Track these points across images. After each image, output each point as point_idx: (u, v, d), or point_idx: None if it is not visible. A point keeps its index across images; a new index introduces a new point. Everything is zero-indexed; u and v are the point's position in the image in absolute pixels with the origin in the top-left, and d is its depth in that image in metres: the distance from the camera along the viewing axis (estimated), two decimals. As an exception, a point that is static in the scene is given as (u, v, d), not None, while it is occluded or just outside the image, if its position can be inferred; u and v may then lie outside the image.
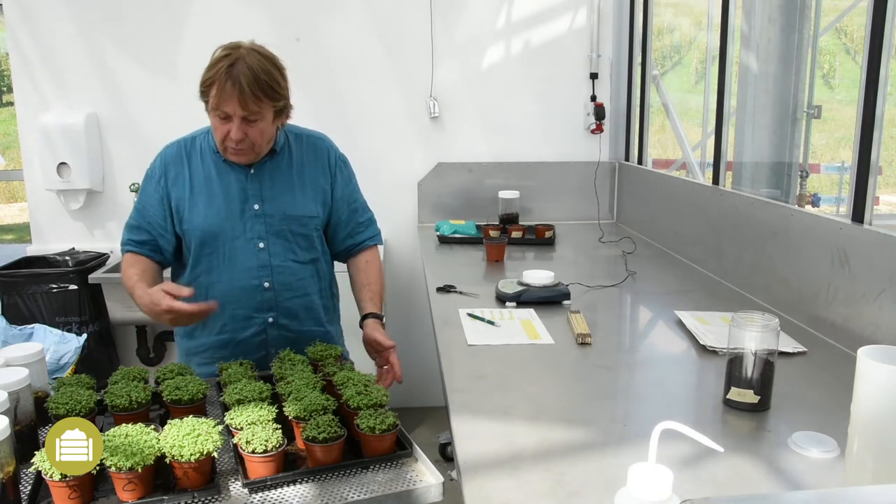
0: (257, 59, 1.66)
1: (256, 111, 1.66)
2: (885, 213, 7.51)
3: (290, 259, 1.84)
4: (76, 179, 3.27)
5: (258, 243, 1.82)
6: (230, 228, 1.80)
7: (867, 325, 1.63)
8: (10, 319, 2.42)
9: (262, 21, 3.30)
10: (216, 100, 1.66)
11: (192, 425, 1.23)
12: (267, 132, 1.74)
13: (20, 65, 3.28)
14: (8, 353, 1.45)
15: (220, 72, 1.63)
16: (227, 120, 1.68)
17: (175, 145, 1.86)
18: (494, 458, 1.20)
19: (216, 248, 1.81)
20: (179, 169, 1.82)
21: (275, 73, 1.68)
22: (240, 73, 1.62)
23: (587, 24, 3.44)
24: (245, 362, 1.64)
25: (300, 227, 1.85)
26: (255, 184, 1.81)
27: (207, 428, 1.23)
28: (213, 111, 1.69)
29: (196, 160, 1.83)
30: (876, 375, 0.97)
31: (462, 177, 3.47)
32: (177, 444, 1.18)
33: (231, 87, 1.62)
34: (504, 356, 1.69)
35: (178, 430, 1.22)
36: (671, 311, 1.97)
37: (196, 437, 1.19)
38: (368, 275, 1.95)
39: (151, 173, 1.85)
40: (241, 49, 1.67)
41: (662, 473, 0.79)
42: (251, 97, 1.63)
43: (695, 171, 3.79)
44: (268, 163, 1.83)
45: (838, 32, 11.38)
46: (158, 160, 1.85)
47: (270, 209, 1.82)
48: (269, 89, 1.66)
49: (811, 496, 0.86)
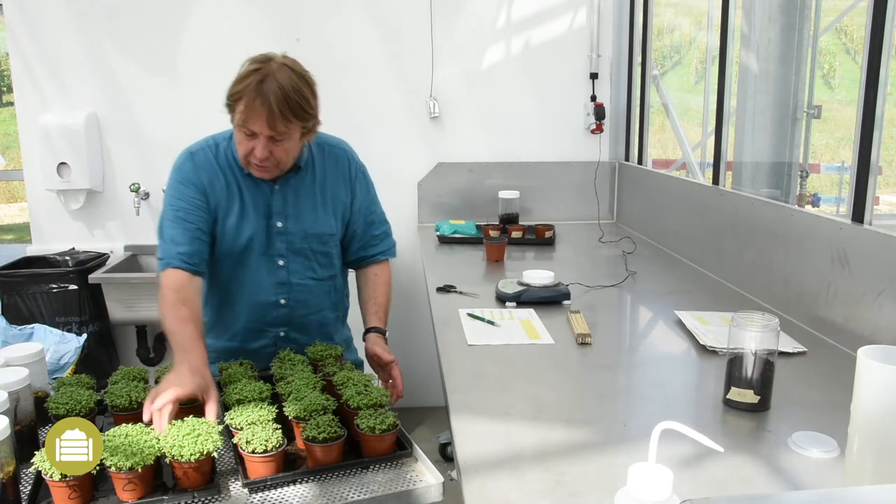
0: (288, 76, 1.58)
1: (284, 131, 1.60)
2: (885, 213, 7.51)
3: (308, 277, 1.81)
4: (76, 179, 3.27)
5: (278, 261, 1.78)
6: (257, 244, 1.76)
7: (867, 325, 1.63)
8: (10, 319, 2.42)
9: (262, 21, 3.30)
10: (243, 116, 1.58)
11: (192, 425, 1.23)
12: (292, 151, 1.68)
13: (20, 65, 3.28)
14: (8, 353, 1.45)
15: (248, 87, 1.56)
16: (252, 137, 1.61)
17: (202, 152, 1.76)
18: (494, 458, 1.20)
19: (240, 261, 1.77)
20: (213, 175, 1.74)
21: (305, 92, 1.61)
22: (269, 91, 1.54)
23: (587, 24, 3.44)
24: (245, 362, 1.64)
25: (321, 245, 1.82)
26: (280, 200, 1.76)
27: (207, 428, 1.23)
28: (238, 126, 1.62)
29: (226, 170, 1.75)
30: (876, 375, 0.96)
31: (462, 177, 3.47)
32: (177, 444, 1.18)
33: (260, 106, 1.55)
34: (504, 356, 1.68)
35: (178, 430, 1.22)
36: (671, 311, 1.97)
37: (196, 437, 1.19)
38: (376, 288, 1.90)
39: (186, 178, 1.73)
40: (273, 63, 1.60)
41: (662, 473, 0.79)
42: (280, 118, 1.56)
43: (695, 171, 3.79)
44: (292, 178, 1.77)
45: (838, 32, 11.39)
46: (188, 164, 1.74)
47: (293, 227, 1.77)
48: (298, 109, 1.59)
49: (811, 496, 0.86)
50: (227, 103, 1.62)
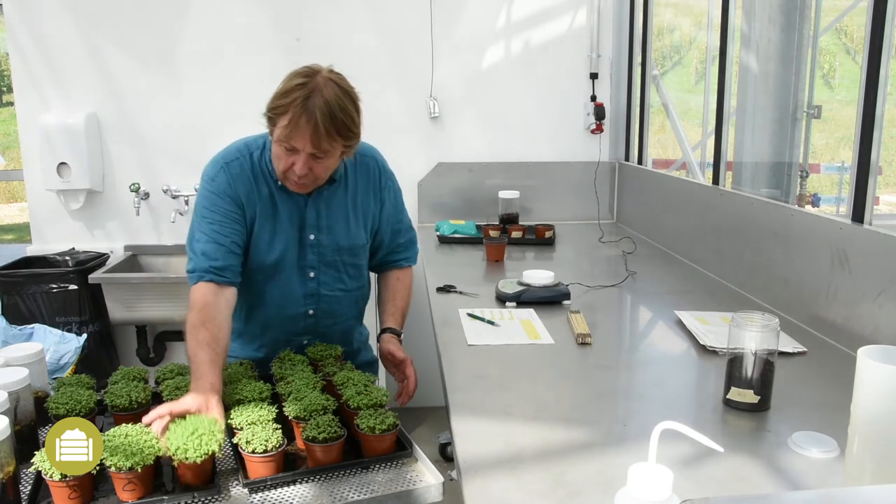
0: (334, 93, 1.53)
1: (328, 149, 1.55)
2: (885, 213, 7.52)
3: (338, 289, 1.79)
4: (76, 179, 3.27)
5: (309, 272, 1.75)
6: (289, 258, 1.72)
7: (867, 325, 1.63)
8: (10, 319, 2.42)
9: (262, 21, 3.30)
10: (287, 132, 1.52)
11: (194, 425, 1.23)
12: (331, 167, 1.64)
13: (20, 65, 3.28)
14: (8, 353, 1.45)
15: (295, 103, 1.50)
16: (293, 152, 1.56)
17: (237, 163, 1.68)
18: (494, 458, 1.20)
19: (272, 274, 1.73)
20: (249, 188, 1.67)
21: (351, 110, 1.57)
22: (316, 108, 1.49)
23: (587, 24, 3.44)
24: (245, 362, 1.64)
25: (351, 256, 1.79)
26: (313, 212, 1.72)
27: (210, 426, 1.22)
28: (279, 141, 1.56)
29: (261, 181, 1.68)
30: (876, 375, 0.96)
31: (462, 177, 3.47)
32: (181, 445, 1.18)
33: (305, 123, 1.49)
34: (504, 356, 1.68)
35: (181, 429, 1.21)
36: (671, 311, 1.97)
37: (199, 437, 1.19)
38: (396, 292, 1.88)
39: (221, 190, 1.65)
40: (319, 77, 1.54)
41: (662, 473, 0.79)
42: (325, 136, 1.51)
43: (695, 171, 3.79)
44: (325, 191, 1.72)
45: (838, 32, 11.39)
46: (223, 175, 1.67)
47: (325, 240, 1.74)
48: (343, 128, 1.54)
49: (811, 496, 0.86)
50: (268, 115, 1.56)
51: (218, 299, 1.58)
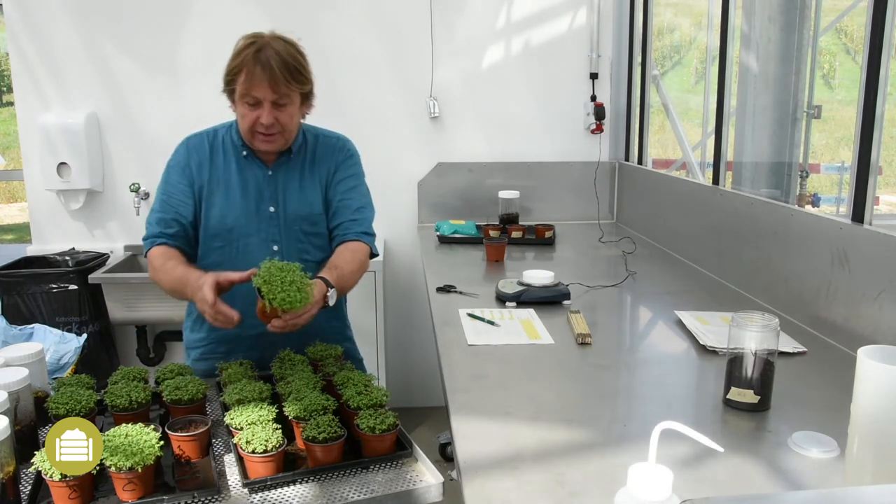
0: (283, 45, 1.69)
1: (286, 94, 1.69)
2: (885, 213, 7.52)
3: (304, 259, 1.81)
4: (76, 179, 3.27)
5: (272, 245, 1.81)
6: (244, 225, 1.80)
7: (867, 325, 1.63)
8: (10, 319, 2.42)
9: (262, 21, 3.26)
10: (245, 86, 1.67)
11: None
12: (295, 117, 1.76)
13: (20, 65, 3.28)
14: (8, 353, 1.45)
15: (247, 58, 1.66)
16: (256, 106, 1.70)
17: (197, 136, 1.86)
18: (494, 458, 1.20)
19: (228, 242, 1.81)
20: (203, 157, 1.82)
21: (300, 59, 1.73)
22: (269, 57, 1.65)
23: (587, 24, 3.44)
24: (245, 362, 1.64)
25: (311, 225, 1.85)
26: (272, 185, 1.82)
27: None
28: (241, 98, 1.70)
29: (219, 152, 1.83)
30: (876, 375, 0.96)
31: (462, 177, 3.47)
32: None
33: (261, 72, 1.64)
34: (504, 356, 1.68)
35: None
36: (671, 311, 1.97)
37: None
38: (338, 255, 1.80)
39: (176, 162, 1.83)
40: (266, 36, 1.70)
41: (662, 473, 0.79)
42: (281, 80, 1.65)
43: (695, 171, 3.79)
44: (284, 163, 1.83)
45: (838, 32, 11.38)
46: (182, 148, 1.85)
47: (284, 211, 1.82)
48: (297, 73, 1.69)
49: (811, 496, 0.86)
50: (225, 80, 1.71)
51: (173, 251, 1.76)
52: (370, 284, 3.16)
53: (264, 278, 1.44)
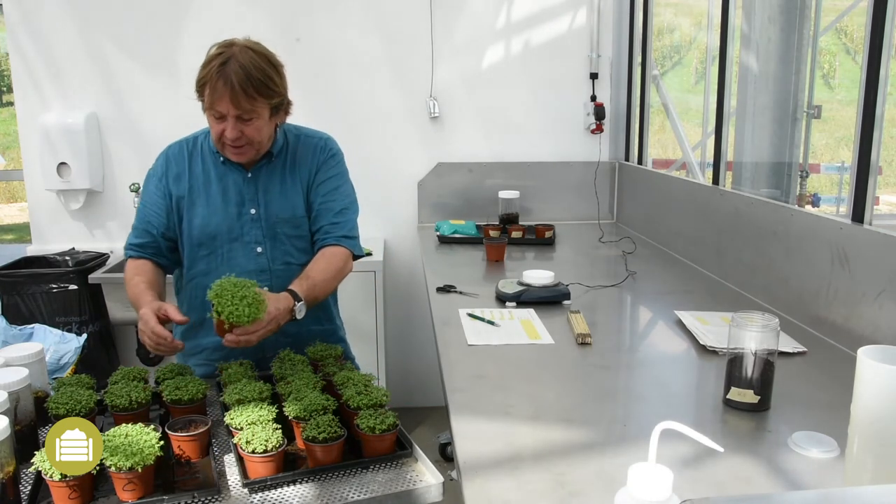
0: (250, 57, 1.64)
1: (250, 109, 1.65)
2: (885, 213, 7.51)
3: (288, 262, 1.83)
4: (76, 179, 3.27)
5: (256, 248, 1.81)
6: (227, 230, 1.80)
7: (867, 325, 1.63)
8: (10, 319, 2.42)
9: (262, 21, 3.30)
10: (209, 99, 1.65)
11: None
12: (264, 130, 1.72)
13: (20, 65, 3.28)
14: (8, 353, 1.45)
15: (212, 71, 1.63)
16: (221, 119, 1.67)
17: (177, 144, 1.86)
18: (494, 458, 1.20)
19: (213, 249, 1.80)
20: (182, 167, 1.82)
21: (269, 71, 1.67)
22: (231, 72, 1.61)
23: (587, 24, 3.44)
24: (245, 362, 1.64)
25: (294, 228, 1.83)
26: (252, 187, 1.81)
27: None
28: (207, 110, 1.69)
29: (197, 160, 1.83)
30: (876, 375, 0.96)
31: (462, 177, 3.47)
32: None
33: (223, 86, 1.61)
34: (504, 356, 1.68)
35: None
36: (671, 311, 1.97)
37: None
38: (315, 262, 1.78)
39: (153, 172, 1.84)
40: (235, 47, 1.66)
41: (662, 473, 0.79)
42: (243, 95, 1.62)
43: (695, 171, 3.79)
44: (265, 166, 1.82)
45: (838, 32, 11.38)
46: (161, 158, 1.85)
47: (266, 213, 1.81)
48: (262, 87, 1.64)
49: (811, 496, 0.86)
50: (196, 89, 1.69)
51: (148, 265, 1.78)
52: (370, 284, 3.16)
53: (216, 292, 1.48)
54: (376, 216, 3.47)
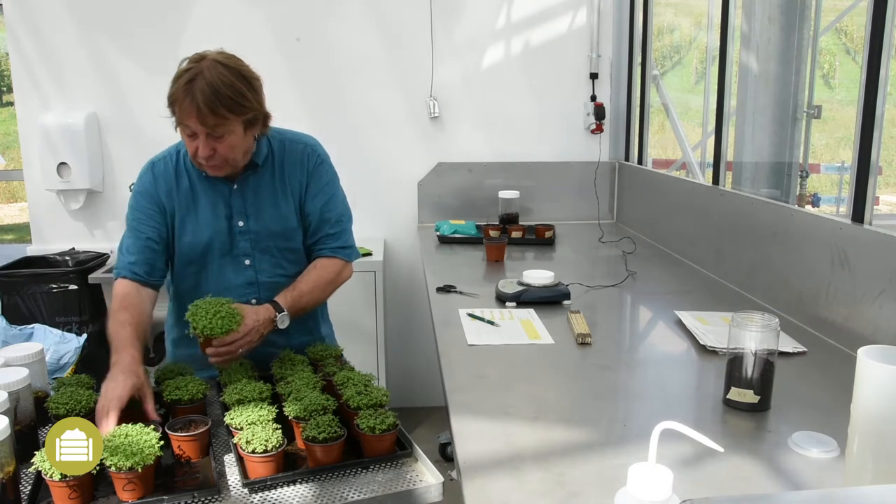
0: (219, 73, 1.57)
1: (219, 126, 1.59)
2: (885, 213, 7.51)
3: (278, 274, 1.80)
4: (76, 179, 3.27)
5: (244, 260, 1.78)
6: (218, 246, 1.76)
7: (867, 325, 1.63)
8: (10, 319, 2.42)
9: (262, 21, 3.30)
10: (178, 116, 1.60)
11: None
12: (239, 146, 1.66)
13: (20, 65, 3.28)
14: (8, 353, 1.45)
15: (179, 88, 1.57)
16: (193, 137, 1.62)
17: (161, 161, 1.80)
18: (494, 458, 1.20)
19: (203, 265, 1.78)
20: (170, 184, 1.76)
21: (239, 86, 1.59)
22: (197, 90, 1.55)
23: (587, 24, 3.44)
24: (245, 362, 1.64)
25: (285, 241, 1.81)
26: (239, 199, 1.77)
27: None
28: (179, 127, 1.63)
29: (183, 176, 1.77)
30: (876, 375, 0.96)
31: (462, 177, 3.47)
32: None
33: (189, 104, 1.55)
34: (504, 356, 1.68)
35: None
36: (671, 311, 1.97)
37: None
38: (306, 274, 1.78)
39: (143, 189, 1.77)
40: (205, 61, 1.59)
41: (662, 473, 0.79)
42: (209, 114, 1.55)
43: (695, 171, 3.79)
44: (250, 177, 1.77)
45: (838, 32, 11.38)
46: (147, 175, 1.78)
47: (255, 226, 1.77)
48: (231, 102, 1.57)
49: (811, 496, 0.86)
50: (167, 106, 1.63)
51: (139, 292, 1.71)
52: (370, 284, 3.16)
53: (192, 311, 1.56)
54: (376, 216, 3.47)
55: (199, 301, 1.57)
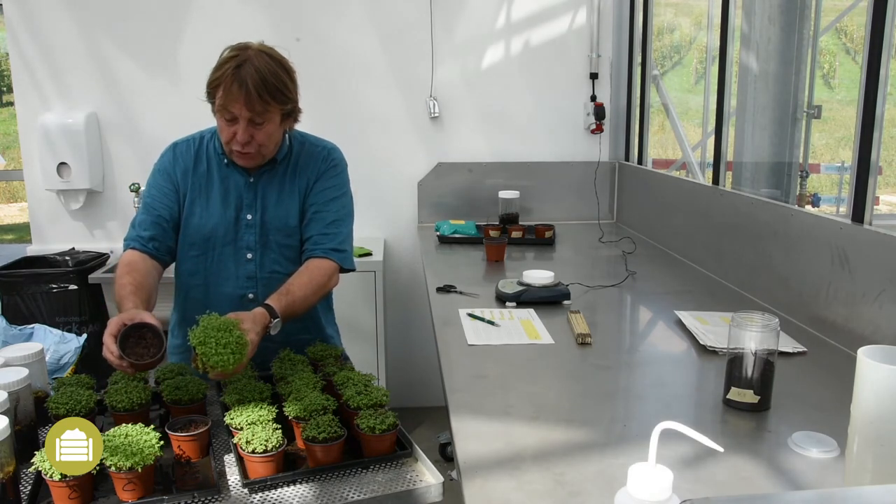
0: (265, 61, 1.64)
1: (263, 113, 1.65)
2: (885, 213, 7.51)
3: (277, 270, 1.81)
4: (76, 179, 3.27)
5: (246, 253, 1.80)
6: (222, 234, 1.79)
7: (867, 325, 1.63)
8: (10, 319, 2.41)
9: (263, 21, 3.30)
10: (222, 101, 1.64)
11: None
12: (274, 135, 1.72)
13: (20, 65, 3.28)
14: (8, 353, 1.45)
15: (226, 73, 1.62)
16: (233, 122, 1.67)
17: (185, 142, 1.86)
18: (494, 458, 1.20)
19: (204, 251, 1.80)
20: (188, 164, 1.81)
21: (283, 76, 1.67)
22: (247, 75, 1.60)
23: (587, 24, 3.44)
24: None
25: (286, 237, 1.82)
26: (252, 193, 1.80)
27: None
28: (219, 112, 1.68)
29: (202, 160, 1.82)
30: (876, 375, 0.96)
31: (462, 177, 3.47)
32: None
33: (238, 89, 1.60)
34: (504, 356, 1.68)
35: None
36: (671, 311, 1.97)
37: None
38: (297, 275, 1.73)
39: (162, 167, 1.83)
40: (250, 50, 1.65)
41: (662, 473, 0.79)
42: (258, 99, 1.61)
43: (695, 171, 3.79)
44: (266, 172, 1.81)
45: (838, 32, 11.38)
46: (169, 153, 1.84)
47: (262, 220, 1.80)
48: (276, 92, 1.64)
49: (811, 496, 0.86)
50: (207, 91, 1.68)
51: (145, 262, 1.73)
52: (370, 284, 3.16)
53: (199, 339, 1.40)
54: (376, 216, 3.47)
55: (206, 324, 1.42)
